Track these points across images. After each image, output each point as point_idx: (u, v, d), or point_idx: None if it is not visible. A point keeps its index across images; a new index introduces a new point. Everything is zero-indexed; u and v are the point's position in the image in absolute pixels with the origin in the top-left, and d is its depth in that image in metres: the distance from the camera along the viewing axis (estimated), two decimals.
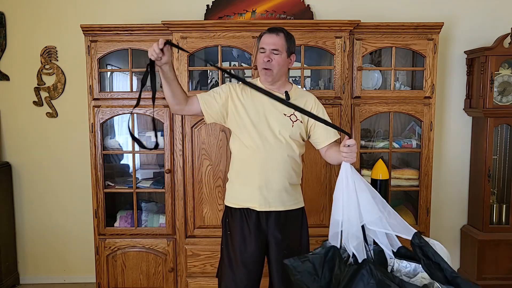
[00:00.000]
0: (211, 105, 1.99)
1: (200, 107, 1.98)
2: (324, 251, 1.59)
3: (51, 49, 3.15)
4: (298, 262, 1.58)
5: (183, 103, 1.95)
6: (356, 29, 2.70)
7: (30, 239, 3.29)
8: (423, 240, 1.49)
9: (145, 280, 2.87)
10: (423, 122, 2.80)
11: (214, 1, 3.07)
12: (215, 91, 2.02)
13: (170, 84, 1.85)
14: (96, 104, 2.78)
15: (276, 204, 1.97)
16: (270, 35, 1.95)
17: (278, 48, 1.93)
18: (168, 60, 1.76)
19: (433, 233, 3.06)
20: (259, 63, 1.97)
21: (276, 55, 1.93)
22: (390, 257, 1.58)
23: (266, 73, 1.95)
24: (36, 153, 3.23)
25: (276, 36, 1.94)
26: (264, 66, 1.93)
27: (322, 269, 1.57)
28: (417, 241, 1.48)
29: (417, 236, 1.49)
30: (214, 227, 2.75)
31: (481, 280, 3.05)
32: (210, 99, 1.99)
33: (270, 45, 1.93)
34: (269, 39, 1.94)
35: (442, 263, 1.42)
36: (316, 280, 1.56)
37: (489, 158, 3.03)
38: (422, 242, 1.48)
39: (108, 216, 2.90)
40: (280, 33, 1.95)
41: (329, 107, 2.70)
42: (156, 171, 3.12)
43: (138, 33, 2.72)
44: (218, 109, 1.99)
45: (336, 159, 1.91)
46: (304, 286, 1.57)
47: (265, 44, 1.94)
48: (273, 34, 1.95)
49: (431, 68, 2.77)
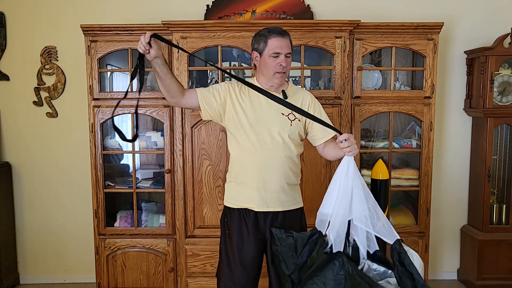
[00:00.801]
0: (210, 101, 1.97)
1: (198, 102, 1.97)
2: (310, 233, 1.68)
3: (51, 49, 3.15)
4: (283, 235, 1.72)
5: (178, 96, 1.92)
6: (356, 29, 2.70)
7: (30, 239, 3.29)
8: (403, 248, 1.54)
9: (145, 280, 2.88)
10: (423, 122, 2.80)
11: (214, 1, 3.07)
12: (214, 88, 2.00)
13: (164, 78, 1.83)
14: (96, 104, 2.78)
15: (274, 205, 1.97)
16: (283, 38, 1.92)
17: (290, 52, 1.94)
18: (157, 54, 1.74)
19: (433, 233, 3.06)
20: (270, 66, 1.92)
21: (288, 58, 1.93)
22: (363, 257, 1.62)
23: (282, 76, 1.94)
24: (36, 153, 3.23)
25: (287, 39, 1.94)
26: (280, 70, 1.92)
27: (302, 248, 1.66)
28: (397, 247, 1.54)
29: (398, 242, 1.55)
30: (214, 227, 2.75)
31: (481, 280, 3.05)
32: (209, 95, 1.98)
33: (285, 49, 1.91)
34: (283, 43, 1.91)
35: (416, 274, 1.48)
36: (293, 256, 1.66)
37: (489, 158, 3.03)
38: (401, 250, 1.53)
39: (108, 216, 2.90)
40: (288, 35, 1.95)
41: (329, 107, 2.70)
42: (156, 171, 3.12)
43: (138, 33, 2.72)
44: (216, 107, 1.98)
45: (335, 155, 1.92)
46: (280, 257, 1.67)
47: (280, 48, 1.90)
48: (285, 38, 1.93)
49: (431, 68, 2.77)
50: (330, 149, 1.96)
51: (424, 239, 2.86)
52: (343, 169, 1.66)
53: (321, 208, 1.69)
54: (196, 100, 1.96)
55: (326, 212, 1.65)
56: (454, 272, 3.36)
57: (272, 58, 1.91)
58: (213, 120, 2.03)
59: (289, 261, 1.65)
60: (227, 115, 1.99)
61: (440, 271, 3.35)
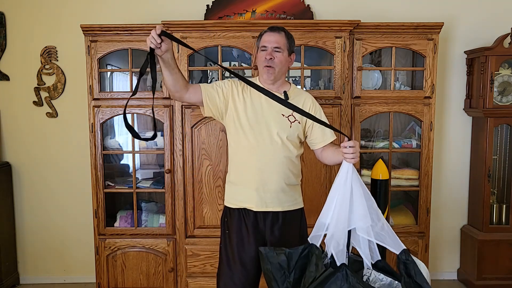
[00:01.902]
0: (213, 98, 1.96)
1: (201, 98, 1.95)
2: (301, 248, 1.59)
3: (51, 49, 3.15)
4: (273, 253, 1.59)
5: (183, 91, 1.90)
6: (356, 29, 2.70)
7: (30, 239, 3.29)
8: (411, 258, 1.48)
9: (145, 280, 2.87)
10: (423, 122, 2.80)
11: (214, 1, 3.07)
12: (218, 85, 1.99)
13: (171, 72, 1.81)
14: (96, 104, 2.78)
15: (273, 205, 1.97)
16: (272, 33, 1.94)
17: (280, 46, 1.93)
18: (168, 47, 1.72)
19: (433, 233, 3.06)
20: (260, 61, 1.96)
21: (278, 53, 1.93)
22: (367, 267, 1.57)
23: (269, 70, 1.93)
24: (36, 153, 3.23)
25: (278, 34, 1.94)
26: (267, 63, 1.92)
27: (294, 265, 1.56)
28: (404, 258, 1.47)
29: (405, 252, 1.48)
30: (214, 227, 2.75)
31: (481, 280, 3.05)
32: (213, 92, 1.97)
33: (272, 43, 1.92)
34: (271, 37, 1.94)
35: (424, 284, 1.42)
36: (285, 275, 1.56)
37: (489, 158, 3.03)
38: (408, 260, 1.47)
39: (108, 216, 2.90)
40: (281, 32, 1.96)
41: (329, 107, 2.70)
42: (156, 171, 3.12)
43: (138, 33, 2.72)
44: (218, 104, 1.97)
45: (333, 160, 1.92)
46: (271, 276, 1.56)
47: (267, 42, 1.93)
48: (274, 32, 1.95)
49: (431, 68, 2.77)
50: (329, 153, 1.96)
51: (424, 239, 2.86)
52: (343, 176, 1.60)
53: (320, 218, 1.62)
54: (200, 96, 1.95)
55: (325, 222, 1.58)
56: (454, 272, 3.36)
57: (261, 52, 1.95)
58: (214, 117, 2.02)
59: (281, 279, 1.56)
60: (228, 113, 1.98)
61: (440, 271, 3.34)
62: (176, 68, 1.83)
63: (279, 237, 1.98)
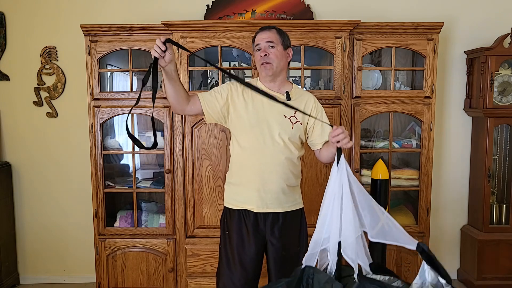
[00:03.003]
0: (213, 105, 1.97)
1: (201, 108, 1.97)
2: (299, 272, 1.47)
3: (51, 49, 3.15)
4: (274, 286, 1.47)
5: (185, 104, 1.93)
6: (356, 29, 2.70)
7: (30, 239, 3.29)
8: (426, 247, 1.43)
9: (145, 280, 2.87)
10: (423, 122, 2.80)
11: (214, 1, 3.07)
12: (216, 90, 2.00)
13: (173, 84, 1.83)
14: (96, 104, 2.78)
15: (274, 206, 1.97)
16: (263, 32, 1.98)
17: (273, 41, 1.95)
18: (171, 58, 1.73)
19: (433, 233, 3.06)
20: (257, 60, 1.98)
21: (272, 48, 1.95)
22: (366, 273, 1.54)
23: (266, 67, 1.94)
24: (36, 153, 3.23)
25: (269, 31, 1.97)
26: (262, 60, 1.94)
27: None
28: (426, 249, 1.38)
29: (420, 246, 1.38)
30: (214, 227, 2.75)
31: (481, 280, 3.05)
32: (212, 99, 1.98)
33: (264, 39, 1.95)
34: (262, 35, 1.97)
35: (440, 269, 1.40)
36: None
37: (489, 158, 3.03)
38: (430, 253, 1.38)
39: (108, 216, 2.90)
40: (272, 29, 1.98)
41: (329, 107, 2.70)
42: (156, 171, 3.12)
43: (138, 33, 2.72)
44: (219, 109, 1.98)
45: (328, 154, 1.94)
46: None
47: (259, 40, 1.97)
48: (264, 30, 1.98)
49: (431, 68, 2.77)
50: (323, 150, 1.99)
51: (424, 239, 2.86)
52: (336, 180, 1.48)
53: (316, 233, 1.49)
54: (199, 106, 1.97)
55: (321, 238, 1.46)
56: (454, 272, 3.36)
57: (256, 52, 1.98)
58: (217, 123, 2.03)
59: None
60: (230, 116, 1.99)
61: None
62: (178, 81, 1.85)
63: (279, 237, 1.98)
